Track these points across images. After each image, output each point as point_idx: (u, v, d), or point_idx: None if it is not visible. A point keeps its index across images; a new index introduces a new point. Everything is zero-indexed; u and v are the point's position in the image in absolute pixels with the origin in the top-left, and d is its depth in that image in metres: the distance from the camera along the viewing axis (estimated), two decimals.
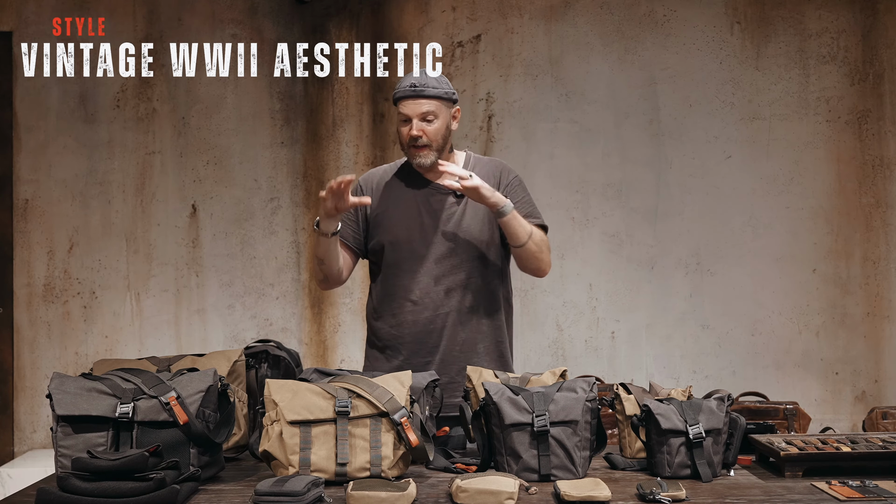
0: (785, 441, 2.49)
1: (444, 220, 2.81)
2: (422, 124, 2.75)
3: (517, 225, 2.75)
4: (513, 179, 2.88)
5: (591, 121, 4.67)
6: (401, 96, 2.77)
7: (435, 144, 2.77)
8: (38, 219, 4.58)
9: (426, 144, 2.76)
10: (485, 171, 2.85)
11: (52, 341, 4.56)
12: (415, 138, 2.75)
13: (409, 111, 2.75)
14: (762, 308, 4.64)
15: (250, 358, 2.71)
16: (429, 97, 2.74)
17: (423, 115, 2.74)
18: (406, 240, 2.80)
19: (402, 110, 2.77)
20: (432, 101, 2.75)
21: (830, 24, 4.66)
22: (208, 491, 2.22)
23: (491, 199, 2.68)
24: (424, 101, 2.74)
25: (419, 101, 2.74)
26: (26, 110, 4.57)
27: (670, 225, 4.66)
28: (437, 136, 2.77)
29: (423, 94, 2.74)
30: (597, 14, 4.67)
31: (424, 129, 2.75)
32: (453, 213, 2.81)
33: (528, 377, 2.64)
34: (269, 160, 4.64)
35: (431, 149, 2.77)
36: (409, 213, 2.82)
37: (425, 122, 2.75)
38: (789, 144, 4.66)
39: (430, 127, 2.75)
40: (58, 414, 2.24)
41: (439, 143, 2.78)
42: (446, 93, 2.77)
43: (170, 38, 4.57)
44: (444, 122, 2.78)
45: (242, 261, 4.63)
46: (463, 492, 2.06)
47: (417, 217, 2.81)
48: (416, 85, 2.74)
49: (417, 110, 2.74)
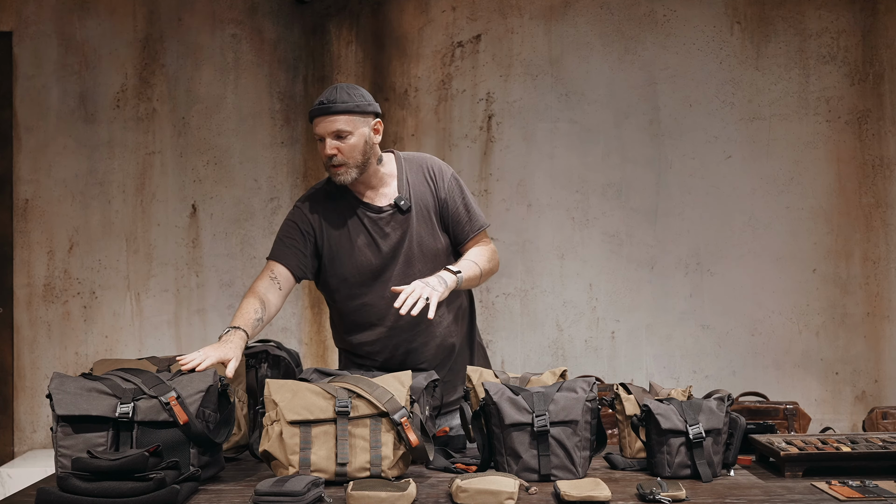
0: (785, 441, 2.49)
1: (397, 239, 2.72)
2: (335, 142, 2.62)
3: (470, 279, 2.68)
4: (450, 183, 2.78)
5: (591, 121, 4.66)
6: (313, 115, 2.66)
7: (352, 161, 2.64)
8: (38, 219, 4.58)
9: (342, 163, 2.63)
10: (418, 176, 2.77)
11: (52, 341, 4.56)
12: (329, 157, 2.63)
13: (320, 130, 2.63)
14: (762, 308, 4.64)
15: (250, 358, 2.71)
16: (339, 112, 2.62)
17: (335, 133, 2.62)
18: (366, 269, 2.72)
19: (315, 129, 2.65)
20: (343, 117, 2.62)
21: (830, 24, 4.66)
22: (208, 491, 2.22)
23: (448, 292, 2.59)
24: (334, 117, 2.62)
25: (329, 119, 2.62)
26: (26, 110, 4.57)
27: (670, 225, 4.66)
28: (354, 152, 2.64)
29: (332, 111, 2.62)
30: (597, 14, 4.67)
31: (339, 147, 2.62)
32: (404, 229, 2.73)
33: (528, 377, 2.63)
34: (269, 160, 4.64)
35: (349, 166, 2.64)
36: (359, 241, 2.72)
37: (339, 139, 2.63)
38: (789, 144, 4.66)
39: (344, 144, 2.63)
40: (58, 414, 2.24)
41: (357, 159, 2.64)
42: (358, 105, 2.64)
43: (170, 38, 4.58)
44: (362, 138, 2.65)
45: (242, 261, 4.63)
46: (463, 492, 2.06)
47: (372, 244, 2.72)
48: (325, 101, 2.63)
49: (328, 128, 2.62)
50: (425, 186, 2.76)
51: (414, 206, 2.74)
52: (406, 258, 2.73)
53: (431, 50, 4.66)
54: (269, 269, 2.72)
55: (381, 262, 2.72)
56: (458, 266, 2.66)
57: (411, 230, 2.73)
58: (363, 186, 2.73)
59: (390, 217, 2.73)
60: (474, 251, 2.77)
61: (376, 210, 2.73)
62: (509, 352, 4.63)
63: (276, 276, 2.70)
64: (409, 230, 2.73)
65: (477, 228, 2.80)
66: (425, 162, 2.82)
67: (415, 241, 2.73)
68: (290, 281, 2.73)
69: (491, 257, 2.79)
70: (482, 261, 2.75)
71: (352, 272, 2.73)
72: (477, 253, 2.77)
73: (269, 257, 2.74)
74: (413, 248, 2.73)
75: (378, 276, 2.73)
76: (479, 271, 2.71)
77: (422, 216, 2.74)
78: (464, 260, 2.72)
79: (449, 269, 2.63)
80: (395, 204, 2.72)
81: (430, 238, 2.75)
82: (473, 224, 2.79)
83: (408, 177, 2.77)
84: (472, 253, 2.77)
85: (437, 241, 2.76)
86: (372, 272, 2.73)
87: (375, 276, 2.73)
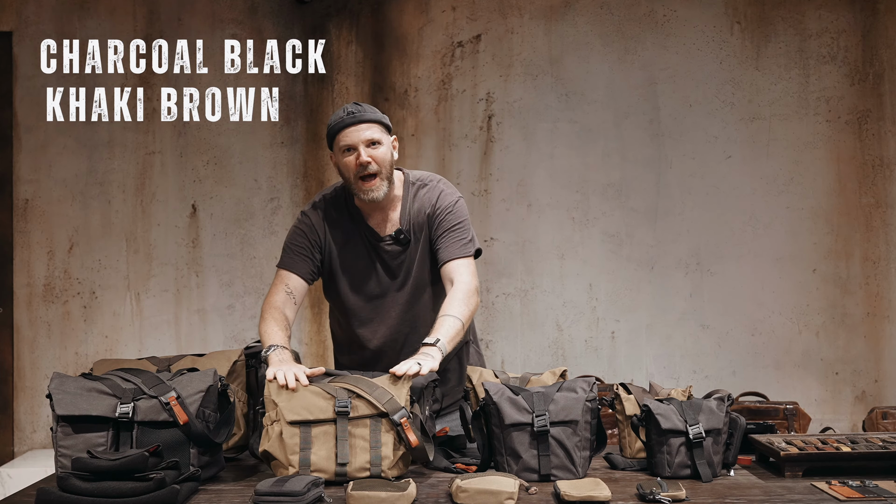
0: (785, 441, 2.49)
1: (396, 269, 2.72)
2: (369, 150, 2.59)
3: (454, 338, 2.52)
4: (448, 208, 2.69)
5: (591, 121, 4.66)
6: (340, 126, 2.60)
7: (384, 172, 2.61)
8: (38, 219, 4.58)
9: (376, 172, 2.59)
10: (422, 204, 2.72)
11: (52, 341, 4.56)
12: (364, 165, 2.58)
13: (352, 139, 2.58)
14: (762, 308, 4.64)
15: (250, 358, 2.71)
16: (370, 121, 2.60)
17: (368, 141, 2.59)
18: (359, 293, 2.73)
19: (345, 141, 2.59)
20: (375, 126, 2.61)
21: (830, 24, 4.66)
22: (208, 491, 2.22)
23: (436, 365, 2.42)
24: (368, 125, 2.59)
25: (361, 127, 2.59)
26: (26, 110, 4.57)
27: (670, 225, 4.66)
28: (385, 162, 2.60)
29: (364, 119, 2.59)
30: (597, 14, 4.67)
31: (373, 155, 2.59)
32: (402, 260, 2.72)
33: (528, 377, 2.64)
34: (269, 160, 4.64)
35: (382, 177, 2.61)
36: (363, 263, 2.72)
37: (371, 147, 2.60)
38: (789, 144, 4.66)
39: (377, 152, 2.59)
40: (58, 414, 2.24)
41: (388, 171, 2.62)
42: (382, 119, 2.64)
43: (170, 38, 4.57)
44: (388, 150, 2.63)
45: (242, 261, 4.63)
46: (463, 492, 2.06)
47: (373, 269, 2.72)
48: (354, 112, 2.60)
49: (362, 136, 2.58)
50: (424, 217, 2.71)
51: (413, 238, 2.71)
52: (400, 289, 2.72)
53: (431, 50, 4.65)
54: (283, 282, 2.68)
55: (379, 291, 2.73)
56: (436, 334, 2.49)
57: (409, 263, 2.72)
58: (370, 206, 2.69)
59: (390, 248, 2.71)
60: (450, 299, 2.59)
61: (378, 238, 2.72)
62: (509, 352, 4.63)
63: (291, 291, 2.68)
64: (408, 262, 2.72)
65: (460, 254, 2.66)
66: (431, 187, 2.74)
67: (412, 272, 2.72)
68: (303, 290, 2.71)
69: (467, 298, 2.59)
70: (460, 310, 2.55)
71: (346, 292, 2.74)
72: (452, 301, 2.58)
73: (279, 266, 2.72)
74: (409, 281, 2.72)
75: (374, 304, 2.73)
76: (460, 325, 2.53)
77: (420, 248, 2.71)
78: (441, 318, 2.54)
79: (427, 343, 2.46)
80: (394, 236, 2.70)
81: (425, 272, 2.73)
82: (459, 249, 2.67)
83: (411, 204, 2.72)
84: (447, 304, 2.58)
85: (429, 273, 2.73)
86: (366, 295, 2.74)
87: (369, 299, 2.73)
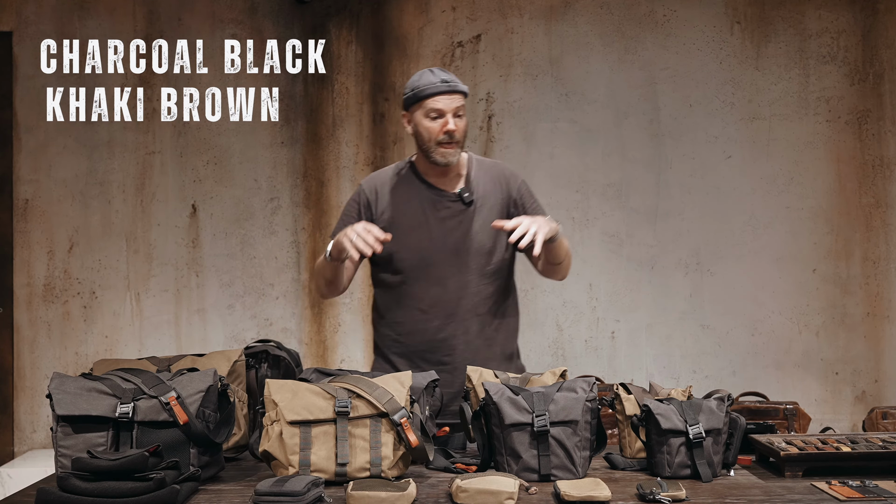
0: (785, 441, 2.49)
1: (453, 228, 2.77)
2: (456, 119, 2.71)
3: (561, 246, 2.75)
4: (522, 185, 2.86)
5: (591, 121, 4.67)
6: (433, 92, 2.70)
7: (463, 141, 2.76)
8: (38, 219, 4.58)
9: (458, 140, 2.73)
10: (488, 176, 2.82)
11: (52, 341, 4.56)
12: (450, 133, 2.70)
13: (443, 106, 2.69)
14: (762, 308, 4.64)
15: (250, 358, 2.71)
16: (461, 92, 2.72)
17: (456, 111, 2.71)
18: (415, 248, 2.75)
19: (435, 105, 2.70)
20: (462, 97, 2.73)
21: (830, 24, 4.66)
22: (208, 491, 2.22)
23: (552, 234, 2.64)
24: (459, 95, 2.71)
25: (454, 96, 2.70)
26: (26, 110, 4.57)
27: (670, 225, 4.66)
28: (465, 132, 2.76)
29: (457, 90, 2.71)
30: (597, 14, 4.67)
31: (458, 125, 2.71)
32: (462, 220, 2.77)
33: (528, 377, 2.63)
34: (269, 160, 4.64)
35: (460, 145, 2.75)
36: (416, 220, 2.77)
37: (457, 117, 2.72)
38: (789, 144, 4.66)
39: (461, 123, 2.73)
40: (58, 414, 2.23)
41: (464, 140, 2.78)
42: (467, 90, 2.77)
43: (170, 38, 4.57)
44: (467, 120, 2.78)
45: (242, 261, 4.63)
46: (463, 492, 2.06)
47: (426, 224, 2.76)
48: (449, 81, 2.71)
49: (452, 105, 2.70)
50: (496, 187, 2.81)
51: (477, 201, 2.78)
52: (456, 248, 2.75)
53: (431, 50, 4.66)
54: None
55: (430, 246, 2.76)
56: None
57: (469, 223, 2.77)
58: (436, 170, 2.78)
59: (451, 204, 2.78)
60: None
61: (439, 193, 2.78)
62: None
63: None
64: (466, 222, 2.77)
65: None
66: (498, 165, 2.91)
67: (470, 234, 2.76)
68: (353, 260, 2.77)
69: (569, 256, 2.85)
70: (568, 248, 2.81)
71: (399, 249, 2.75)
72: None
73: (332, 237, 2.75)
74: (467, 241, 2.76)
75: (424, 259, 2.76)
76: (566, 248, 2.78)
77: (483, 213, 2.78)
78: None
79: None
80: (458, 194, 2.78)
81: (486, 236, 2.77)
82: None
83: (477, 174, 2.82)
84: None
85: (493, 239, 2.78)
86: (420, 254, 2.75)
87: (422, 258, 2.75)
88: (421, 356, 2.77)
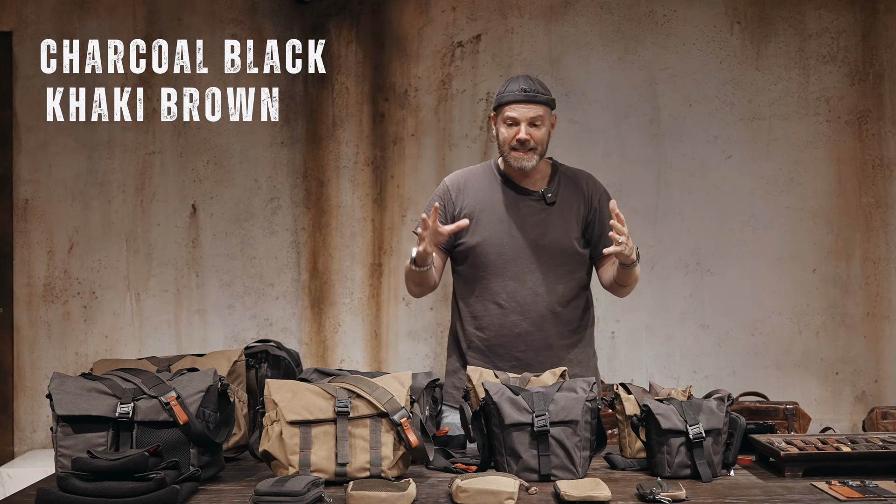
0: (785, 441, 2.49)
1: (533, 226, 2.85)
2: (530, 129, 2.80)
3: (633, 273, 2.81)
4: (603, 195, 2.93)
5: (591, 121, 4.67)
6: (510, 100, 2.81)
7: (540, 149, 2.83)
8: (38, 219, 4.58)
9: (532, 148, 2.81)
10: (572, 182, 2.92)
11: (52, 341, 4.56)
12: (523, 142, 2.79)
13: (518, 115, 2.79)
14: (762, 308, 4.64)
15: (250, 358, 2.71)
16: (540, 103, 2.80)
17: (531, 120, 2.80)
18: (495, 243, 2.84)
19: (510, 113, 2.80)
20: (543, 108, 2.81)
21: (830, 24, 4.66)
22: (208, 491, 2.22)
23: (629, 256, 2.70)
24: (536, 106, 2.79)
25: (531, 106, 2.79)
26: (26, 110, 4.57)
27: (670, 225, 4.66)
28: (543, 141, 2.83)
29: (536, 100, 2.79)
30: (597, 14, 4.67)
31: (532, 134, 2.80)
32: (542, 218, 2.86)
33: (528, 377, 2.64)
34: (269, 160, 4.64)
35: (536, 152, 2.82)
36: (497, 216, 2.86)
37: (533, 126, 2.80)
38: (789, 144, 4.66)
39: (537, 132, 2.81)
40: (58, 414, 2.24)
41: (543, 147, 2.85)
42: (551, 100, 2.84)
43: (170, 38, 4.57)
44: (547, 129, 2.85)
45: (242, 261, 4.63)
46: (463, 492, 2.06)
47: (506, 220, 2.85)
48: (528, 90, 2.79)
49: (527, 114, 2.79)
50: (577, 192, 2.91)
51: (559, 203, 2.88)
52: (535, 247, 2.83)
53: (431, 50, 4.66)
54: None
55: (510, 242, 2.84)
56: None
57: (549, 222, 2.85)
58: (516, 174, 2.89)
59: (533, 203, 2.87)
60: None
61: (523, 191, 2.88)
62: None
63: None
64: (546, 221, 2.85)
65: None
66: (582, 172, 3.03)
67: (549, 233, 2.84)
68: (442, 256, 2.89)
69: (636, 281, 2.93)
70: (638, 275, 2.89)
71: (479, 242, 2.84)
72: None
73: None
74: (545, 240, 2.84)
75: (503, 255, 2.83)
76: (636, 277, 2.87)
77: (563, 215, 2.86)
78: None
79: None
80: (542, 193, 2.87)
81: (565, 237, 2.86)
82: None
83: (560, 179, 2.93)
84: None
85: (572, 242, 2.87)
86: (499, 248, 2.83)
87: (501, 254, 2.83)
88: (494, 351, 2.83)
